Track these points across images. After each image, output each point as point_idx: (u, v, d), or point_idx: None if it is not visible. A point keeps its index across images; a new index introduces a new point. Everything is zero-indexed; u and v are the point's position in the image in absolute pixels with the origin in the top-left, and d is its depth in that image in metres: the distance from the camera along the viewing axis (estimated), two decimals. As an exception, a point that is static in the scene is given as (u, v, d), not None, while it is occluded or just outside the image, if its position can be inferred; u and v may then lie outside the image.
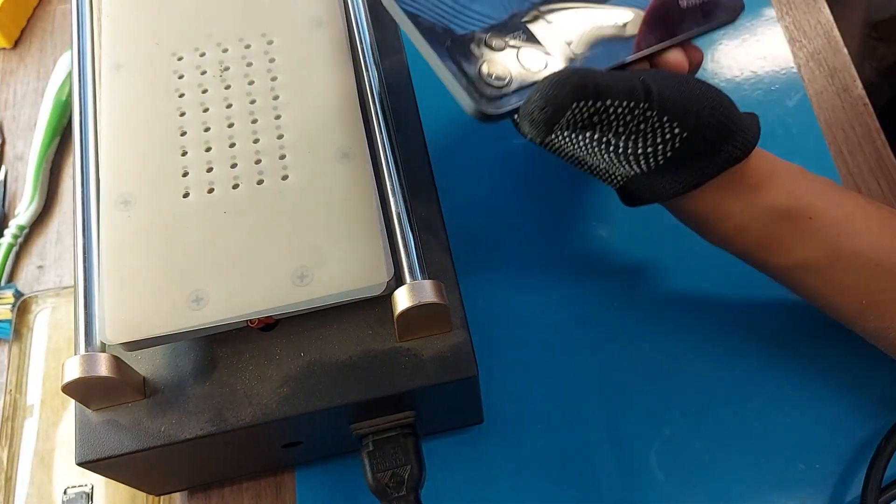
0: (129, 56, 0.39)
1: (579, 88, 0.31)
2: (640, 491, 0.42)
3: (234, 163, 0.36)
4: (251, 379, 0.35)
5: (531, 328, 0.46)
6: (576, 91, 0.31)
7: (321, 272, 0.33)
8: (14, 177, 0.55)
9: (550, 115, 0.30)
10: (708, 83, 0.35)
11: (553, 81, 0.31)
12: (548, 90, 0.30)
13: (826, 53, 0.54)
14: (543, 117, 0.30)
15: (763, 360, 0.44)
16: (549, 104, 0.30)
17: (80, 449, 0.34)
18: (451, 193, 0.47)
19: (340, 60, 0.39)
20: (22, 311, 0.49)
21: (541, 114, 0.30)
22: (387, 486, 0.36)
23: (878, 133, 0.51)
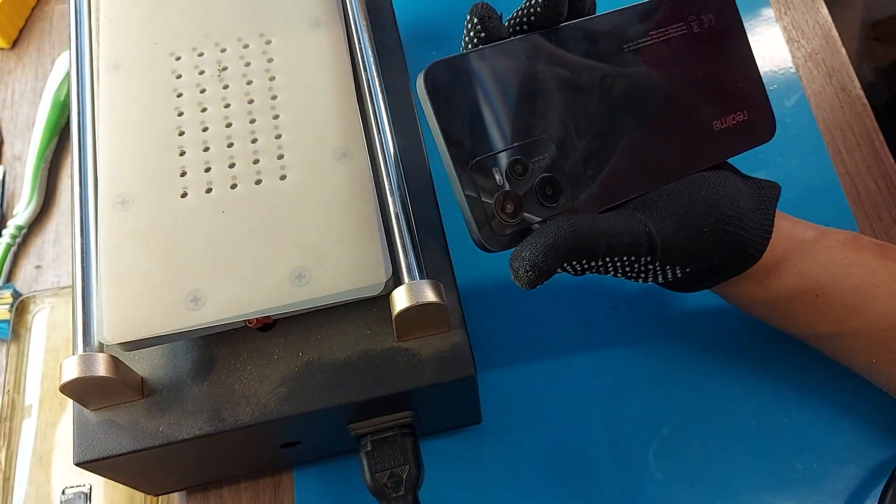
0: (127, 56, 0.39)
1: (573, 251, 0.31)
2: (639, 491, 0.42)
3: (232, 162, 0.36)
4: (249, 379, 0.35)
5: (529, 328, 0.46)
6: (568, 255, 0.31)
7: (319, 272, 0.33)
8: (12, 177, 0.55)
9: (535, 277, 0.31)
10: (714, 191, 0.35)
11: (547, 242, 0.30)
12: (539, 252, 0.30)
13: (824, 53, 0.54)
14: (528, 278, 0.31)
15: (761, 361, 0.44)
16: (535, 268, 0.31)
17: (78, 449, 0.34)
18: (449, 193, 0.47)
19: (339, 60, 0.39)
20: (20, 312, 0.49)
21: (527, 275, 0.31)
22: (385, 486, 0.36)
23: (876, 133, 0.51)
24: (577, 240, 0.31)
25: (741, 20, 0.39)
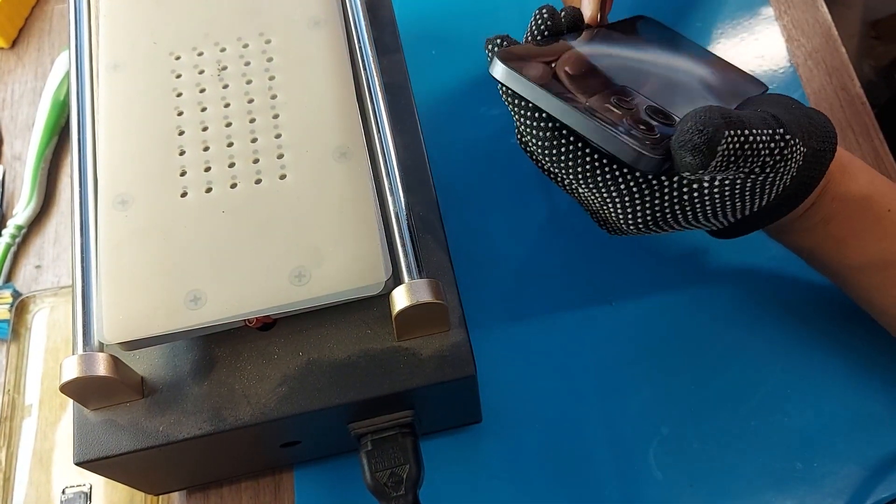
0: (126, 55, 0.39)
1: (728, 116, 0.31)
2: (639, 490, 0.42)
3: (232, 162, 0.36)
4: (249, 378, 0.35)
5: (529, 327, 0.46)
6: (727, 116, 0.31)
7: (319, 271, 0.33)
8: (12, 177, 0.55)
9: (712, 135, 0.30)
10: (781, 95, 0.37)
11: (703, 110, 0.31)
12: (701, 115, 0.31)
13: (824, 52, 0.54)
14: (703, 140, 0.30)
15: (761, 360, 0.44)
16: (707, 125, 0.31)
17: (78, 449, 0.34)
18: (449, 192, 0.47)
19: (338, 60, 0.39)
20: (20, 311, 0.49)
21: (701, 137, 0.30)
22: (385, 486, 0.36)
23: (875, 132, 0.51)
24: (728, 112, 0.31)
25: None
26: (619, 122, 0.32)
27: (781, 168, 0.34)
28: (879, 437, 0.42)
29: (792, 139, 0.33)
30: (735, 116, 0.31)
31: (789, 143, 0.33)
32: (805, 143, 0.34)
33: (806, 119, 0.35)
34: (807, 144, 0.35)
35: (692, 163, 0.31)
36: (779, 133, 0.33)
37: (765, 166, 0.34)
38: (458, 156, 0.52)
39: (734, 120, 0.31)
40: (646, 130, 0.33)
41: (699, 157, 0.31)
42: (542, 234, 0.49)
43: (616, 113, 0.33)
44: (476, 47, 0.55)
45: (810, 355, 0.44)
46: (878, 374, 0.43)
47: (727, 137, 0.31)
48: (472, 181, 0.51)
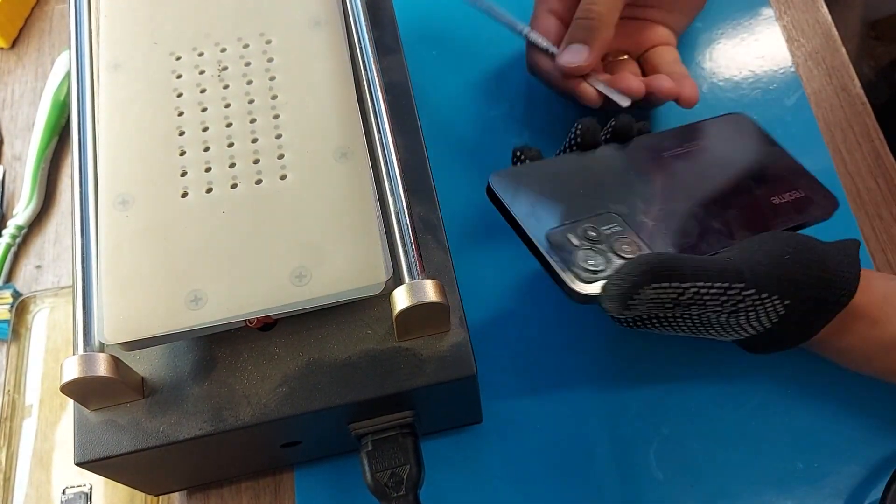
0: (127, 56, 0.39)
1: (657, 271, 0.32)
2: (639, 490, 0.42)
3: (232, 162, 0.36)
4: (250, 379, 0.35)
5: (530, 328, 0.46)
6: (653, 272, 0.32)
7: (320, 272, 0.33)
8: (12, 177, 0.55)
9: (624, 290, 0.32)
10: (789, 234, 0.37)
11: (633, 261, 0.33)
12: (626, 267, 0.33)
13: (824, 52, 0.54)
14: (616, 292, 0.33)
15: (761, 359, 0.44)
16: (624, 281, 0.32)
17: (78, 449, 0.34)
18: (450, 193, 0.47)
19: (339, 60, 0.39)
20: (20, 312, 0.49)
21: (615, 289, 0.33)
22: (386, 486, 0.36)
23: (876, 132, 0.51)
24: (662, 262, 0.33)
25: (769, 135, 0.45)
26: (568, 256, 0.35)
27: (741, 314, 0.35)
28: (879, 437, 0.42)
29: (754, 294, 0.34)
30: (674, 269, 0.33)
31: (747, 297, 0.34)
32: (789, 296, 0.34)
33: (805, 269, 0.35)
34: (793, 296, 0.35)
35: (608, 307, 0.33)
36: (735, 288, 0.34)
37: (716, 311, 0.35)
38: (459, 156, 0.52)
39: (668, 273, 0.33)
40: (593, 267, 0.35)
41: (613, 305, 0.33)
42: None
43: (573, 245, 0.35)
44: (476, 47, 0.55)
45: (811, 355, 0.44)
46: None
47: (645, 290, 0.32)
48: (472, 180, 0.51)
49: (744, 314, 0.35)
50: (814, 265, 0.35)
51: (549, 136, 0.52)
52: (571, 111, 0.53)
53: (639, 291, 0.32)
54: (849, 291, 0.36)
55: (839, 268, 0.36)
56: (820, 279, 0.35)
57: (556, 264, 0.34)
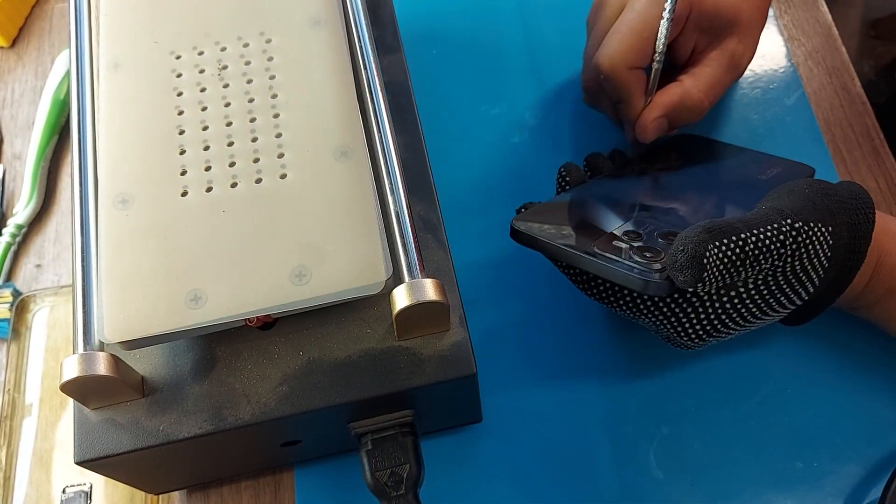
0: (127, 55, 0.39)
1: (712, 229, 0.32)
2: (639, 489, 0.42)
3: (232, 161, 0.36)
4: (250, 378, 0.35)
5: (530, 327, 0.46)
6: (709, 231, 0.32)
7: (320, 271, 0.33)
8: (12, 176, 0.55)
9: (692, 252, 0.32)
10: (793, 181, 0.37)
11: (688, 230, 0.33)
12: (682, 236, 0.33)
13: (824, 52, 0.54)
14: (685, 258, 0.32)
15: (761, 360, 0.44)
16: (687, 244, 0.32)
17: (78, 448, 0.34)
18: (449, 192, 0.47)
19: (339, 59, 0.39)
20: (20, 310, 0.49)
21: (682, 255, 0.32)
22: (385, 485, 0.36)
23: (876, 132, 0.51)
24: (712, 223, 0.33)
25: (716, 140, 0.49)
26: (623, 257, 0.35)
27: (804, 253, 0.35)
28: (879, 436, 0.42)
29: (804, 225, 0.34)
30: (725, 226, 0.33)
31: (801, 229, 0.34)
32: (831, 222, 0.35)
33: (826, 198, 0.35)
34: (834, 222, 0.35)
35: (684, 280, 0.33)
36: (786, 224, 0.34)
37: (783, 257, 0.34)
38: (458, 155, 0.52)
39: (722, 230, 0.33)
40: (652, 257, 0.35)
41: (687, 273, 0.32)
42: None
43: (621, 248, 0.36)
44: (476, 47, 0.55)
45: (811, 355, 0.44)
46: (878, 374, 0.43)
47: (711, 250, 0.32)
48: (472, 180, 0.51)
49: (804, 252, 0.34)
50: (832, 193, 0.36)
51: (549, 136, 0.52)
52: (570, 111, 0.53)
53: (706, 250, 0.32)
54: (870, 210, 0.36)
55: (850, 191, 0.37)
56: (843, 202, 0.36)
57: (623, 269, 0.34)
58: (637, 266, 0.34)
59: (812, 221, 0.34)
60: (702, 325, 0.36)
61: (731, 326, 0.37)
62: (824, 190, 0.36)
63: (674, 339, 0.38)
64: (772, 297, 0.36)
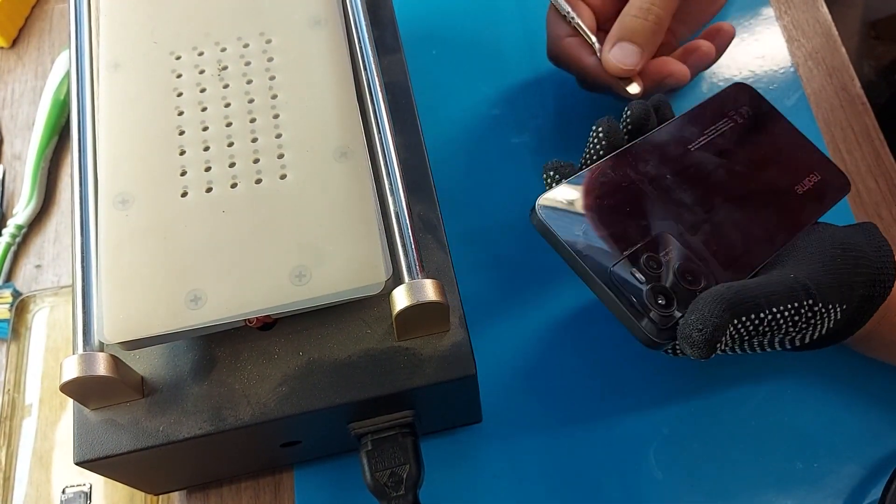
0: (127, 55, 0.39)
1: (735, 306, 0.31)
2: (639, 490, 0.42)
3: (232, 162, 0.36)
4: (250, 378, 0.35)
5: (530, 327, 0.46)
6: (732, 309, 0.31)
7: (320, 271, 0.33)
8: (12, 176, 0.55)
9: (710, 335, 0.31)
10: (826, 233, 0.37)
11: (709, 301, 0.31)
12: (704, 309, 0.31)
13: (824, 52, 0.54)
14: (702, 338, 0.31)
15: (761, 359, 0.44)
16: (707, 325, 0.31)
17: (78, 448, 0.34)
18: (449, 192, 0.47)
19: (339, 59, 0.39)
20: (20, 311, 0.49)
21: (700, 335, 0.31)
22: (385, 486, 0.36)
23: (876, 132, 0.51)
24: (736, 295, 0.32)
25: (771, 105, 0.44)
26: (637, 296, 0.33)
27: (812, 328, 0.35)
28: (879, 437, 0.42)
29: (822, 308, 0.34)
30: (749, 302, 0.32)
31: (818, 312, 0.34)
32: (846, 300, 0.35)
33: (853, 271, 0.35)
34: (849, 300, 0.35)
35: (693, 354, 0.32)
36: (806, 304, 0.33)
37: (788, 334, 0.34)
38: (458, 156, 0.52)
39: (745, 307, 0.32)
40: (664, 306, 0.33)
41: (698, 352, 0.31)
42: (542, 234, 0.49)
43: (637, 284, 0.34)
44: (476, 47, 0.55)
45: (811, 355, 0.44)
46: (878, 374, 0.43)
47: (728, 331, 0.31)
48: (472, 181, 0.51)
49: (812, 328, 0.35)
50: (861, 263, 0.35)
51: (549, 136, 0.52)
52: (570, 110, 0.53)
53: (724, 333, 0.31)
54: (890, 283, 0.36)
55: (879, 261, 0.36)
56: (867, 276, 0.35)
57: (632, 314, 0.33)
58: (644, 317, 0.33)
59: (832, 303, 0.34)
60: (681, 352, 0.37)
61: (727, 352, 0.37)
62: (854, 258, 0.35)
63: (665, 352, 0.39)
64: (760, 349, 0.36)
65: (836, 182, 0.41)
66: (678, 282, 0.34)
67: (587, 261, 0.34)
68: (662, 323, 0.33)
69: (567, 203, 0.36)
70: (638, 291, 0.34)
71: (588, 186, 0.37)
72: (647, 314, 0.33)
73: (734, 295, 0.32)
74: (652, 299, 0.33)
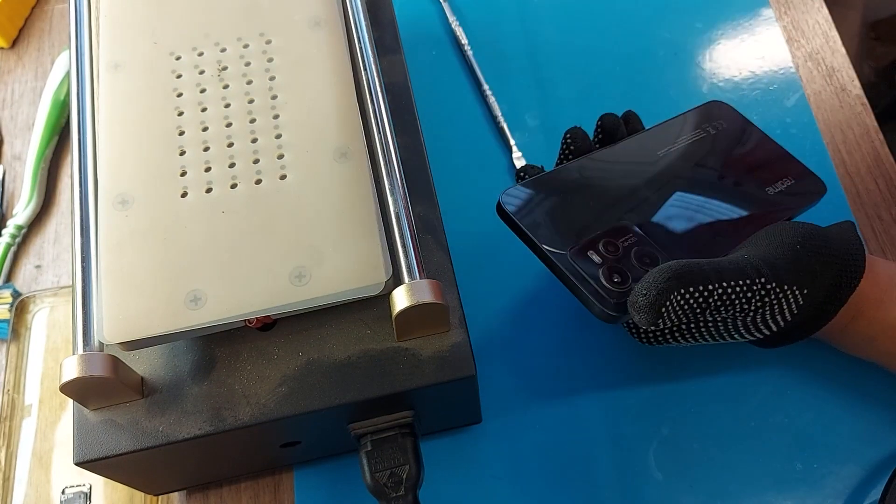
0: (127, 55, 0.39)
1: (682, 276, 0.33)
2: (639, 490, 0.42)
3: (232, 162, 0.36)
4: (249, 378, 0.35)
5: (529, 328, 0.46)
6: (678, 277, 0.32)
7: (319, 272, 0.33)
8: (12, 176, 0.55)
9: (653, 298, 0.32)
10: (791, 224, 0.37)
11: (655, 271, 0.33)
12: (650, 277, 0.33)
13: (824, 53, 0.54)
14: (646, 302, 0.32)
15: (761, 360, 0.44)
16: (651, 290, 0.32)
17: (78, 449, 0.34)
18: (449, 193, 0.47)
19: (339, 60, 0.39)
20: (20, 311, 0.49)
21: (644, 299, 0.32)
22: (385, 486, 0.36)
23: (875, 133, 0.51)
24: (683, 267, 0.33)
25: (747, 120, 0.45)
26: (593, 275, 0.35)
27: (768, 310, 0.35)
28: (879, 437, 0.42)
29: (777, 287, 0.34)
30: (696, 273, 0.33)
31: (772, 291, 0.34)
32: (807, 285, 0.35)
33: (816, 256, 0.35)
34: (812, 285, 0.35)
35: (639, 320, 0.33)
36: (758, 282, 0.34)
37: (743, 311, 0.35)
38: (458, 155, 0.52)
39: (691, 278, 0.33)
40: (619, 283, 0.35)
41: (643, 317, 0.33)
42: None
43: (595, 263, 0.35)
44: (477, 47, 0.55)
45: (811, 355, 0.44)
46: (877, 375, 0.43)
47: (673, 298, 0.32)
48: (472, 181, 0.51)
49: (768, 309, 0.35)
50: (823, 251, 0.36)
51: (549, 135, 0.52)
52: (569, 111, 0.53)
53: (668, 299, 0.32)
54: (859, 273, 0.36)
55: (847, 251, 0.36)
56: (832, 265, 0.36)
57: (584, 288, 0.34)
58: (599, 291, 0.34)
59: (787, 284, 0.34)
60: (654, 337, 0.38)
61: (682, 342, 0.38)
62: (817, 246, 0.36)
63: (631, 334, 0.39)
64: (726, 332, 0.37)
65: (812, 187, 0.42)
66: (635, 264, 0.36)
67: (546, 242, 0.36)
68: (615, 297, 0.34)
69: (530, 195, 0.38)
70: (594, 270, 0.35)
71: (552, 182, 0.39)
72: (601, 290, 0.34)
73: (681, 267, 0.33)
74: (607, 276, 0.35)
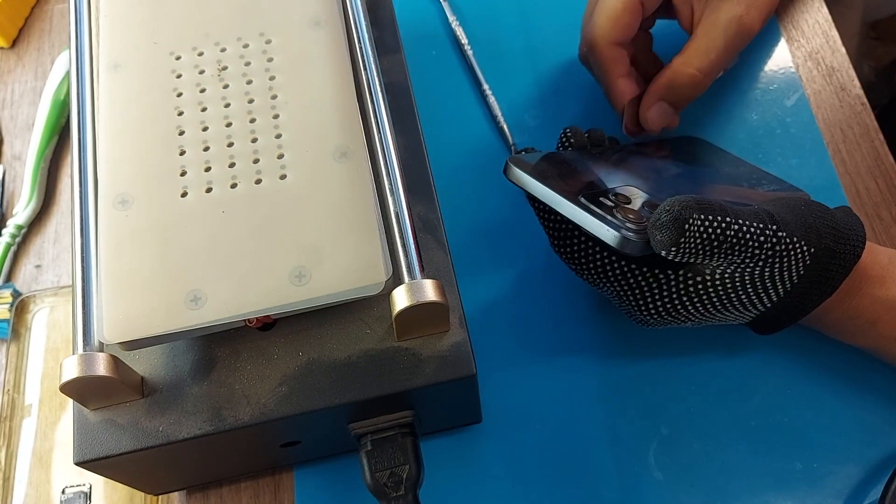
0: (126, 55, 0.39)
1: (701, 202, 0.33)
2: (639, 490, 0.42)
3: (232, 162, 0.36)
4: (249, 378, 0.35)
5: (529, 327, 0.46)
6: (698, 203, 0.33)
7: (319, 271, 0.33)
8: (12, 176, 0.55)
9: (677, 213, 0.32)
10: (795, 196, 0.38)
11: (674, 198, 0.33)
12: (672, 199, 0.33)
13: (824, 53, 0.54)
14: (669, 217, 0.32)
15: (761, 360, 0.44)
16: (675, 206, 0.32)
17: (78, 448, 0.34)
18: (449, 192, 0.47)
19: (339, 59, 0.39)
20: (20, 311, 0.49)
21: (667, 215, 0.32)
22: (385, 486, 0.36)
23: (876, 132, 0.51)
24: (704, 199, 0.33)
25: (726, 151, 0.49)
26: (605, 212, 0.35)
27: (777, 262, 0.35)
28: (879, 437, 0.42)
29: (788, 237, 0.34)
30: (714, 205, 0.33)
31: (784, 239, 0.34)
32: (813, 244, 0.35)
33: (819, 220, 0.36)
34: (817, 244, 0.35)
35: (661, 240, 0.33)
36: (770, 229, 0.34)
37: (756, 258, 0.35)
38: (458, 156, 0.52)
39: (710, 207, 0.33)
40: (634, 219, 0.35)
41: (666, 234, 0.32)
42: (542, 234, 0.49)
43: (608, 205, 0.36)
44: (476, 47, 0.55)
45: (811, 355, 0.44)
46: (877, 374, 0.43)
47: (695, 219, 0.32)
48: (472, 181, 0.51)
49: (777, 264, 0.35)
50: (827, 217, 0.36)
51: (548, 136, 0.52)
52: (569, 111, 0.53)
53: (691, 216, 0.32)
54: (860, 244, 0.36)
55: (848, 223, 0.37)
56: (833, 230, 0.36)
57: (601, 219, 0.34)
58: (616, 221, 0.34)
59: (797, 237, 0.35)
60: (662, 303, 0.37)
61: (690, 311, 0.37)
62: (820, 213, 0.36)
63: (634, 314, 0.39)
64: (734, 294, 0.36)
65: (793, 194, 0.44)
66: (647, 209, 0.36)
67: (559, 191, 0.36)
68: (638, 227, 0.34)
69: (538, 159, 0.39)
70: (608, 209, 0.35)
71: (557, 156, 0.40)
72: (618, 221, 0.34)
73: (701, 198, 0.33)
74: (622, 213, 0.35)
